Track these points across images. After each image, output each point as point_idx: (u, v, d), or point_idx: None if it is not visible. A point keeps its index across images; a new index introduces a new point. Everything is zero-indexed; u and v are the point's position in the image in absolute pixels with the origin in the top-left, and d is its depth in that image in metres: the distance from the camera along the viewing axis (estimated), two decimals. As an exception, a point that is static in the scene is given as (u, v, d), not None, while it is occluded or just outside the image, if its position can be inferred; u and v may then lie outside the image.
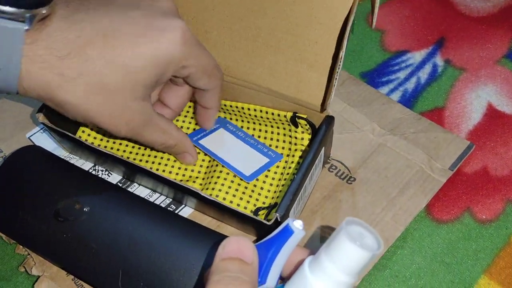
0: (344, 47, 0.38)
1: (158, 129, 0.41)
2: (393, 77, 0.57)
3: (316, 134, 0.43)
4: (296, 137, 0.47)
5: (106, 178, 0.49)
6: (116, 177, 0.49)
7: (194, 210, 0.47)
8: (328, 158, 0.49)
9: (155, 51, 0.36)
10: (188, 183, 0.47)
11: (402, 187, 0.47)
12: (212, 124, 0.48)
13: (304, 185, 0.41)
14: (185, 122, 0.52)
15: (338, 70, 0.40)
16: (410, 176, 0.47)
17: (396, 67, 0.58)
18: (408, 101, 0.55)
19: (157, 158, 0.49)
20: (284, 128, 0.48)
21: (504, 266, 0.44)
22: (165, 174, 0.47)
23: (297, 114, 0.45)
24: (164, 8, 0.38)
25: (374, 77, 0.57)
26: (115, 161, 0.44)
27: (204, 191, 0.46)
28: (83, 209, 0.40)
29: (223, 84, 0.44)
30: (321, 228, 0.45)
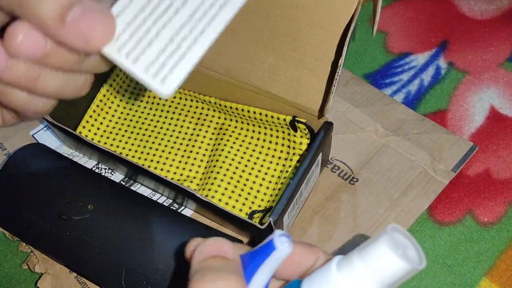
0: (344, 54, 0.38)
1: None
2: (396, 79, 0.57)
3: (314, 139, 0.43)
4: (294, 141, 0.47)
5: (109, 176, 0.49)
6: (119, 176, 0.49)
7: (194, 211, 0.47)
8: (326, 163, 0.49)
9: None
10: (185, 183, 0.47)
11: (405, 188, 0.47)
12: None
13: (300, 190, 0.41)
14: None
15: (337, 77, 0.40)
16: (413, 178, 0.47)
17: (399, 69, 0.58)
18: (411, 103, 0.55)
19: (155, 156, 0.49)
20: (283, 132, 0.48)
21: (505, 268, 0.44)
22: (163, 173, 0.48)
23: (296, 118, 0.45)
24: None
25: (377, 78, 0.57)
26: (116, 159, 0.44)
27: (200, 191, 0.46)
28: (87, 208, 0.40)
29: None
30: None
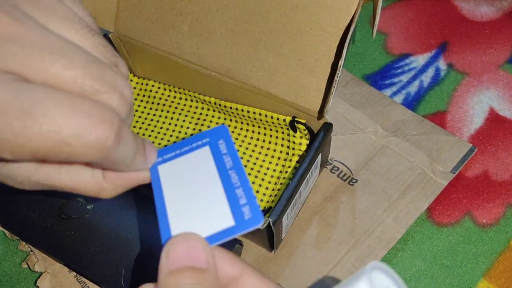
0: (343, 56, 0.38)
1: None
2: (396, 80, 0.58)
3: (313, 140, 0.43)
4: (294, 142, 0.48)
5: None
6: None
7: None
8: (326, 163, 0.49)
9: None
10: None
11: (404, 190, 0.47)
12: None
13: (299, 190, 0.41)
14: (185, 122, 0.52)
15: (337, 79, 0.40)
16: (412, 179, 0.48)
17: (399, 70, 0.58)
18: (410, 104, 0.55)
19: None
20: (283, 132, 0.48)
21: (503, 270, 0.44)
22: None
23: (296, 119, 0.45)
24: None
25: (377, 79, 0.58)
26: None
27: None
28: (87, 207, 0.41)
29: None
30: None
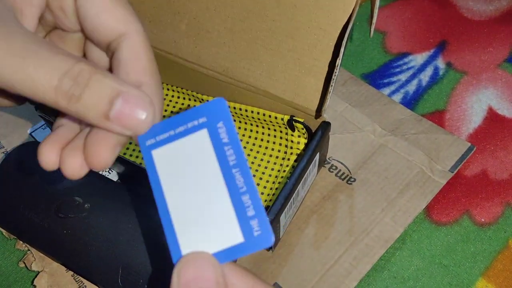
0: (341, 55, 0.38)
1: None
2: (394, 79, 0.57)
3: (311, 139, 0.43)
4: (292, 141, 0.47)
5: (106, 175, 0.49)
6: (116, 175, 0.49)
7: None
8: (324, 162, 0.49)
9: None
10: None
11: (402, 189, 0.47)
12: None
13: (297, 189, 0.41)
14: None
15: (334, 78, 0.40)
16: (410, 178, 0.47)
17: (397, 69, 0.58)
18: (409, 103, 0.55)
19: None
20: (281, 131, 0.48)
21: (502, 269, 0.44)
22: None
23: (294, 118, 0.45)
24: None
25: (376, 78, 0.58)
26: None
27: None
28: (84, 206, 0.40)
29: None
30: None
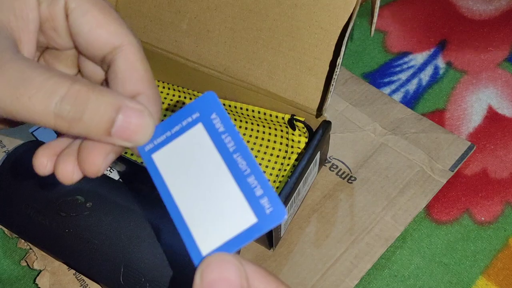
0: (342, 53, 0.38)
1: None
2: (394, 78, 0.58)
3: (312, 137, 0.43)
4: (293, 140, 0.48)
5: (107, 175, 0.49)
6: (117, 174, 0.49)
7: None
8: (324, 161, 0.49)
9: None
10: None
11: (403, 187, 0.47)
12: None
13: (298, 188, 0.41)
14: None
15: (335, 77, 0.40)
16: (410, 177, 0.48)
17: (398, 69, 0.58)
18: (409, 102, 0.55)
19: None
20: (282, 130, 0.48)
21: (502, 267, 0.44)
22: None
23: (295, 117, 0.46)
24: None
25: (376, 78, 0.58)
26: (117, 158, 0.44)
27: None
28: (86, 205, 0.41)
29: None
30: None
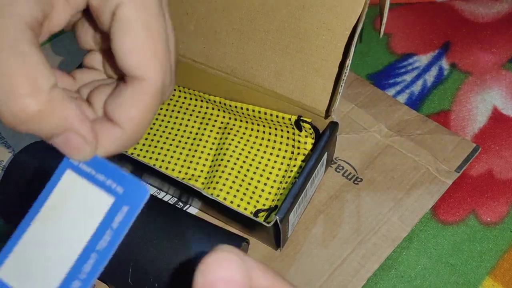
0: (351, 55, 0.39)
1: None
2: (399, 79, 0.58)
3: (319, 139, 0.43)
4: (299, 141, 0.48)
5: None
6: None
7: (199, 210, 0.47)
8: (331, 162, 0.49)
9: None
10: (190, 182, 0.47)
11: (409, 188, 0.47)
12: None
13: (305, 189, 0.42)
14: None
15: (344, 77, 0.40)
16: (416, 178, 0.48)
17: (402, 70, 0.59)
18: (414, 103, 0.55)
19: (160, 155, 0.50)
20: (288, 131, 0.48)
21: (508, 268, 0.44)
22: (168, 172, 0.48)
23: (301, 118, 0.46)
24: None
25: (381, 79, 0.58)
26: (121, 158, 0.44)
27: (205, 190, 0.47)
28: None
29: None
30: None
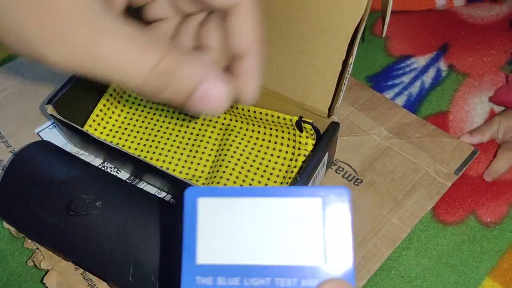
0: (354, 53, 0.39)
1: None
2: (398, 81, 0.58)
3: (320, 139, 0.43)
4: (300, 142, 0.48)
5: (116, 175, 0.49)
6: (124, 175, 0.49)
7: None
8: (331, 164, 0.49)
9: None
10: (192, 182, 0.47)
11: (409, 190, 0.47)
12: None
13: None
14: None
15: (347, 76, 0.40)
16: (416, 179, 0.48)
17: (400, 71, 0.59)
18: (412, 105, 0.56)
19: (161, 155, 0.50)
20: (289, 132, 0.48)
21: (508, 268, 0.45)
22: (169, 172, 0.48)
23: (302, 119, 0.46)
24: None
25: (380, 81, 0.58)
26: (123, 156, 0.44)
27: None
28: (95, 204, 0.40)
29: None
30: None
